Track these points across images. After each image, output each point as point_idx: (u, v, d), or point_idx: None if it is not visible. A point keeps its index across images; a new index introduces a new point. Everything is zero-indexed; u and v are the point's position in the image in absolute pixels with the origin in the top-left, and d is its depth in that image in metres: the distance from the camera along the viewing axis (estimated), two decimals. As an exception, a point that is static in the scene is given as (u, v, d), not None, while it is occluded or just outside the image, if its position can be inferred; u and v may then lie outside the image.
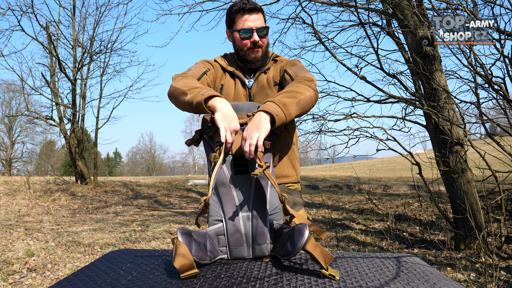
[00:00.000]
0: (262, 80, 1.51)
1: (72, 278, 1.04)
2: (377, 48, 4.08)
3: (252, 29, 1.45)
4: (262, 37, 1.47)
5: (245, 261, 1.17)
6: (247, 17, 1.44)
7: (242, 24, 1.45)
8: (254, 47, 1.47)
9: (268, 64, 1.54)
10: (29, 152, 31.75)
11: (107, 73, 14.09)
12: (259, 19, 1.46)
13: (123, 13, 30.58)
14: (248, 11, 1.44)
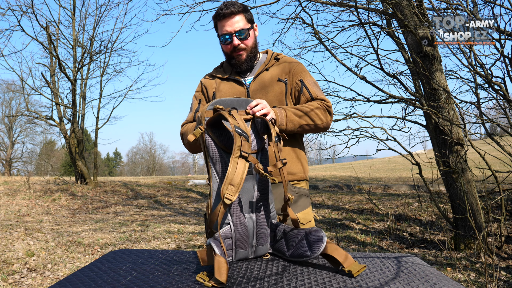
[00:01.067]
0: (262, 78, 1.50)
1: (72, 278, 1.04)
2: (377, 48, 4.08)
3: (231, 33, 1.44)
4: (243, 39, 1.46)
5: (245, 261, 1.17)
6: (225, 22, 1.44)
7: (221, 29, 1.46)
8: (236, 51, 1.47)
9: (270, 63, 1.53)
10: (29, 152, 31.77)
11: (107, 73, 14.12)
12: (238, 21, 1.44)
13: (123, 13, 30.59)
14: (224, 16, 1.43)
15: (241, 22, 1.44)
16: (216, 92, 1.53)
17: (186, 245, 4.35)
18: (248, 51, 1.48)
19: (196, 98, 1.59)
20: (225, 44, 1.47)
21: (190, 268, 1.11)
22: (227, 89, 1.51)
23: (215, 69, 1.62)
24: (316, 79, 1.54)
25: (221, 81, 1.54)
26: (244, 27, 1.45)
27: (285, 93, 1.48)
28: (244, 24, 1.45)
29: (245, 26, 1.45)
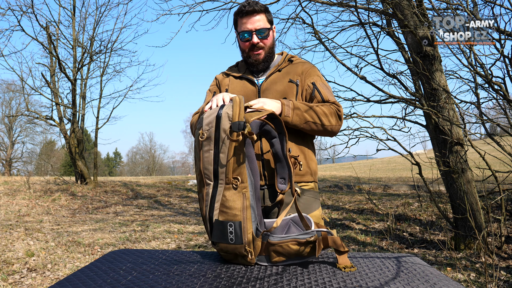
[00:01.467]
0: (274, 78, 1.51)
1: (72, 278, 1.04)
2: (377, 48, 4.08)
3: (251, 31, 1.45)
4: (263, 38, 1.47)
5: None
6: (246, 20, 1.45)
7: (242, 26, 1.46)
8: (254, 49, 1.47)
9: (283, 64, 1.54)
10: (29, 152, 31.77)
11: (107, 73, 14.11)
12: (259, 20, 1.45)
13: (123, 13, 30.60)
14: (246, 14, 1.44)
15: (262, 21, 1.46)
16: (228, 90, 1.53)
17: (186, 245, 4.35)
18: (266, 51, 1.49)
19: (211, 91, 1.60)
20: (244, 41, 1.48)
21: (190, 268, 1.11)
22: (239, 87, 1.52)
23: (230, 68, 1.63)
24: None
25: (234, 79, 1.56)
26: (265, 26, 1.46)
27: (296, 94, 1.48)
28: (264, 23, 1.46)
29: (266, 26, 1.47)
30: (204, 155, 1.11)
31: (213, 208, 1.11)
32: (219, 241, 1.09)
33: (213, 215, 1.10)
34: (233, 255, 1.12)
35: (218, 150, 1.09)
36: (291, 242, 1.08)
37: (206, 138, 1.11)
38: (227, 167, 1.09)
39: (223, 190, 1.10)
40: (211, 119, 1.11)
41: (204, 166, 1.11)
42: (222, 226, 1.09)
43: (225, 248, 1.11)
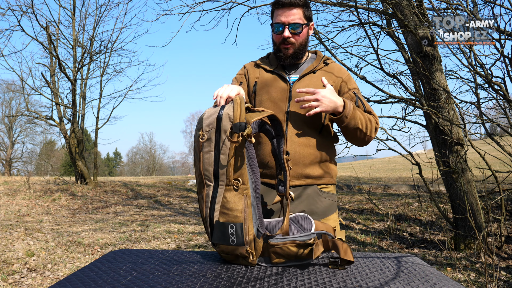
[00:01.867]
0: (308, 79, 1.46)
1: (72, 278, 1.04)
2: (377, 48, 4.07)
3: (284, 24, 1.40)
4: (295, 34, 1.42)
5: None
6: (282, 12, 1.40)
7: (276, 18, 1.42)
8: (284, 43, 1.43)
9: (319, 66, 1.49)
10: (29, 152, 31.76)
11: (107, 73, 14.12)
12: (295, 14, 1.40)
13: (123, 13, 30.57)
14: (283, 6, 1.40)
15: (298, 16, 1.40)
16: (258, 83, 1.49)
17: (186, 245, 4.35)
18: (296, 47, 1.44)
19: (237, 80, 1.55)
20: (276, 33, 1.44)
21: (190, 268, 1.11)
22: (270, 83, 1.47)
23: (261, 59, 1.58)
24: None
25: (265, 72, 1.51)
26: (299, 21, 1.41)
27: None
28: (300, 18, 1.41)
29: (300, 21, 1.41)
30: (205, 156, 1.09)
31: (213, 210, 1.10)
32: (220, 243, 1.09)
33: (214, 217, 1.10)
34: (234, 256, 1.11)
35: (218, 151, 1.08)
36: (290, 244, 1.08)
37: (206, 139, 1.09)
38: (227, 168, 1.07)
39: (223, 192, 1.08)
40: (212, 120, 1.09)
41: (204, 167, 1.10)
42: (223, 228, 1.08)
43: (226, 249, 1.10)
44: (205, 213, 1.11)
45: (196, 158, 1.12)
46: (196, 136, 1.11)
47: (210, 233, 1.13)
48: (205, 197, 1.11)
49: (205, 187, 1.11)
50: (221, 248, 1.11)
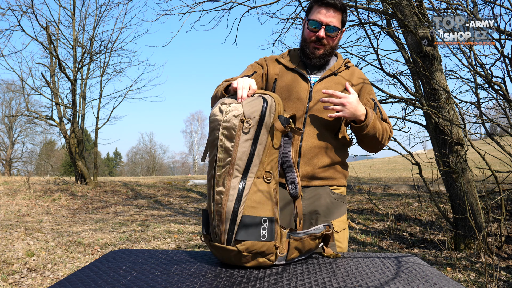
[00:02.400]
0: (329, 81, 1.45)
1: (72, 278, 1.04)
2: (377, 48, 4.07)
3: (322, 23, 1.38)
4: (329, 36, 1.40)
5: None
6: (322, 10, 1.38)
7: (315, 15, 1.40)
8: (317, 42, 1.41)
9: (340, 68, 1.48)
10: (29, 152, 31.76)
11: (107, 73, 14.11)
12: (334, 17, 1.39)
13: (123, 13, 30.55)
14: (326, 5, 1.38)
15: (336, 19, 1.40)
16: (278, 80, 1.46)
17: (186, 245, 4.35)
18: (327, 49, 1.43)
19: (253, 67, 1.51)
20: (310, 30, 1.41)
21: (190, 268, 1.11)
22: (291, 81, 1.45)
23: (282, 55, 1.54)
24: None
25: (286, 70, 1.47)
26: (337, 25, 1.40)
27: None
28: (337, 22, 1.41)
29: (337, 25, 1.41)
30: (242, 145, 1.04)
31: (239, 203, 1.04)
32: (247, 239, 1.02)
33: (239, 212, 1.03)
34: (252, 256, 1.04)
35: (256, 142, 1.05)
36: (309, 237, 1.13)
37: (247, 129, 1.05)
38: (262, 159, 1.06)
39: (252, 184, 1.05)
40: (255, 110, 1.06)
41: (238, 156, 1.04)
42: (255, 222, 1.02)
43: (251, 247, 1.02)
44: (227, 207, 1.04)
45: (226, 147, 1.06)
46: (233, 124, 1.05)
47: (229, 230, 1.04)
48: (230, 190, 1.04)
49: (232, 178, 1.05)
50: (246, 246, 1.02)
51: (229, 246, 1.04)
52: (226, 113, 1.07)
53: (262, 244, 1.03)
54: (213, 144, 1.08)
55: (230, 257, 1.06)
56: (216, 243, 1.07)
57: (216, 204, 1.06)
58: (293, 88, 1.43)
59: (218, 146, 1.06)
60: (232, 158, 1.04)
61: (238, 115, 1.05)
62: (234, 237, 1.03)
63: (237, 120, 1.05)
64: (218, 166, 1.06)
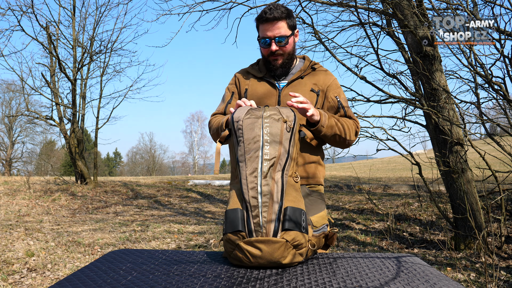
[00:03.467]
0: (295, 85, 1.52)
1: (72, 278, 1.04)
2: (377, 48, 4.07)
3: (270, 38, 1.46)
4: (282, 45, 1.48)
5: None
6: (267, 27, 1.45)
7: (262, 33, 1.48)
8: (273, 55, 1.49)
9: (306, 71, 1.55)
10: (29, 152, 31.75)
11: (107, 73, 14.08)
12: (279, 27, 1.45)
13: (123, 13, 30.55)
14: (267, 21, 1.45)
15: (283, 29, 1.46)
16: (248, 89, 1.56)
17: (186, 245, 4.35)
18: (285, 57, 1.50)
19: (229, 90, 1.62)
20: (264, 47, 1.50)
21: (190, 268, 1.11)
22: (260, 89, 1.54)
23: (251, 66, 1.64)
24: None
25: (255, 79, 1.57)
26: (285, 34, 1.46)
27: (315, 103, 1.50)
28: (285, 31, 1.46)
29: (286, 33, 1.47)
30: (284, 143, 1.19)
31: (283, 195, 1.13)
32: (294, 229, 1.09)
33: (283, 202, 1.12)
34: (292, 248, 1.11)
35: (290, 143, 1.20)
36: (322, 235, 1.24)
37: (289, 127, 1.20)
38: (293, 161, 1.20)
39: (287, 181, 1.17)
40: (290, 114, 1.24)
41: (282, 152, 1.18)
42: (298, 214, 1.12)
43: (296, 237, 1.10)
44: (276, 197, 1.13)
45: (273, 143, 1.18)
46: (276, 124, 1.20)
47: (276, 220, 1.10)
48: (276, 182, 1.15)
49: (276, 172, 1.16)
50: (292, 237, 1.09)
51: (276, 238, 1.09)
52: (265, 115, 1.21)
53: (302, 235, 1.12)
54: (254, 141, 1.18)
55: (272, 252, 1.08)
56: (259, 237, 1.09)
57: (263, 195, 1.13)
58: (262, 95, 1.52)
59: (263, 142, 1.18)
60: (278, 153, 1.17)
61: (278, 117, 1.21)
62: (281, 227, 1.10)
63: (279, 121, 1.20)
64: (265, 160, 1.16)
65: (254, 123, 1.19)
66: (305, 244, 1.13)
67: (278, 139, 1.18)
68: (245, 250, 1.09)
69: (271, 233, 1.08)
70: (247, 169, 1.15)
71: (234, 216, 1.13)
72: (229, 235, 1.12)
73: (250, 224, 1.10)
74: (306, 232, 1.13)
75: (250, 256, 1.09)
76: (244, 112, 1.22)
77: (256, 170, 1.14)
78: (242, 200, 1.14)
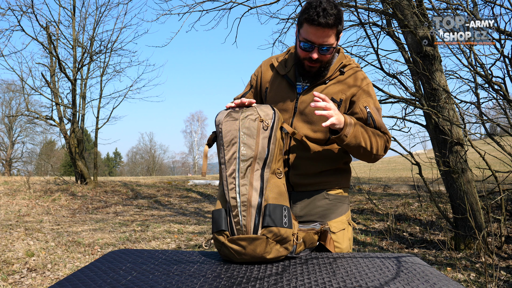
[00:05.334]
0: (318, 90, 1.39)
1: (72, 278, 1.04)
2: (377, 48, 4.07)
3: (315, 44, 1.29)
4: (323, 54, 1.32)
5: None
6: (314, 31, 1.27)
7: (306, 34, 1.29)
8: (311, 62, 1.33)
9: (333, 75, 1.39)
10: (29, 152, 31.74)
11: (107, 73, 14.08)
12: (327, 35, 1.28)
13: (123, 13, 30.54)
14: (317, 25, 1.25)
15: (331, 38, 1.29)
16: (268, 89, 1.46)
17: (186, 245, 4.35)
18: (323, 65, 1.36)
19: (251, 81, 1.55)
20: (304, 50, 1.32)
21: (190, 268, 1.11)
22: (278, 90, 1.44)
23: (278, 57, 1.50)
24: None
25: (277, 76, 1.46)
26: (331, 42, 1.30)
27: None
28: (332, 39, 1.30)
29: (332, 42, 1.30)
30: (262, 141, 1.19)
31: (262, 193, 1.16)
32: (273, 225, 1.13)
33: (263, 200, 1.16)
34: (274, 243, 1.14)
35: (269, 140, 1.20)
36: (312, 230, 1.25)
37: (266, 126, 1.20)
38: (275, 156, 1.21)
39: (269, 178, 1.19)
40: (269, 113, 1.23)
41: (259, 151, 1.19)
42: (278, 210, 1.15)
43: (277, 233, 1.12)
44: (253, 196, 1.15)
45: (248, 144, 1.19)
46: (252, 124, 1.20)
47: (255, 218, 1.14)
48: (254, 181, 1.17)
49: (254, 171, 1.18)
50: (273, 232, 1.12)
51: (256, 235, 1.13)
52: (242, 116, 1.21)
53: (284, 230, 1.14)
54: (232, 143, 1.20)
55: (254, 249, 1.12)
56: (241, 235, 1.14)
57: (241, 195, 1.16)
58: (280, 99, 1.43)
59: (239, 144, 1.19)
60: (255, 153, 1.18)
61: (255, 117, 1.21)
62: (261, 224, 1.13)
63: (255, 121, 1.20)
64: (242, 161, 1.18)
65: (231, 125, 1.21)
66: (289, 238, 1.15)
67: (254, 140, 1.19)
68: (229, 248, 1.15)
69: (251, 230, 1.13)
70: (227, 170, 1.20)
71: (218, 216, 1.19)
72: (215, 235, 1.19)
73: (232, 223, 1.16)
74: (290, 226, 1.15)
75: (235, 253, 1.15)
76: (224, 115, 1.24)
77: (235, 171, 1.18)
78: (224, 201, 1.20)
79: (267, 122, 1.20)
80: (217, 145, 1.27)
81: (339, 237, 1.43)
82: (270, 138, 1.20)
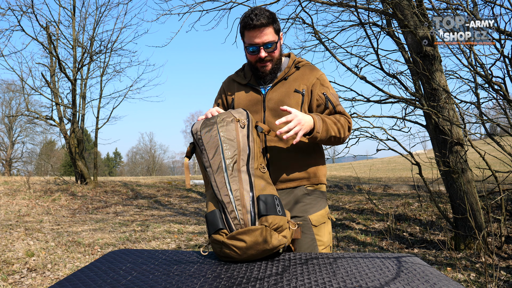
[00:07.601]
0: (279, 88, 1.50)
1: (72, 278, 1.04)
2: (377, 48, 4.07)
3: (258, 44, 1.43)
4: (270, 51, 1.45)
5: (245, 261, 1.17)
6: (253, 33, 1.42)
7: (249, 39, 1.44)
8: (262, 62, 1.46)
9: (290, 71, 1.51)
10: (29, 152, 31.74)
11: (107, 73, 14.08)
12: (266, 34, 1.42)
13: (123, 13, 30.55)
14: (254, 28, 1.40)
15: (270, 35, 1.43)
16: (235, 99, 1.55)
17: (186, 245, 4.35)
18: (274, 62, 1.48)
19: (215, 102, 1.64)
20: (252, 54, 1.46)
21: (190, 268, 1.11)
22: (244, 97, 1.53)
23: (236, 73, 1.63)
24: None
25: (240, 86, 1.56)
26: (273, 39, 1.44)
27: (301, 104, 1.47)
28: (272, 36, 1.44)
29: (273, 39, 1.44)
30: (242, 139, 1.26)
31: (252, 187, 1.22)
32: (269, 213, 1.17)
33: (254, 193, 1.21)
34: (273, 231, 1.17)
35: (249, 139, 1.27)
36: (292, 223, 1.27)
37: (244, 127, 1.28)
38: (255, 155, 1.28)
39: (255, 172, 1.25)
40: (242, 114, 1.32)
41: (242, 148, 1.25)
42: (271, 199, 1.20)
43: (273, 221, 1.17)
44: (245, 191, 1.21)
45: (230, 144, 1.26)
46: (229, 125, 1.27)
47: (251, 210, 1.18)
48: (242, 177, 1.22)
49: (241, 167, 1.23)
50: (270, 220, 1.16)
51: (254, 226, 1.16)
52: (219, 119, 1.28)
53: (280, 218, 1.18)
54: (214, 145, 1.25)
55: (255, 240, 1.15)
56: (239, 229, 1.16)
57: (233, 190, 1.21)
58: (249, 103, 1.51)
59: (221, 144, 1.25)
60: (238, 150, 1.24)
61: (231, 118, 1.28)
62: (257, 215, 1.18)
63: (232, 122, 1.28)
64: (227, 159, 1.24)
65: (210, 130, 1.27)
66: (285, 226, 1.20)
67: (234, 138, 1.26)
68: (230, 245, 1.16)
69: (249, 223, 1.16)
70: (214, 171, 1.24)
71: (213, 217, 1.21)
72: (213, 236, 1.19)
73: (229, 220, 1.18)
74: (283, 214, 1.20)
75: (237, 249, 1.15)
76: (200, 123, 1.31)
77: (222, 170, 1.23)
78: (217, 202, 1.23)
79: (243, 121, 1.28)
80: (196, 154, 1.33)
81: (320, 231, 1.47)
82: (248, 136, 1.27)
